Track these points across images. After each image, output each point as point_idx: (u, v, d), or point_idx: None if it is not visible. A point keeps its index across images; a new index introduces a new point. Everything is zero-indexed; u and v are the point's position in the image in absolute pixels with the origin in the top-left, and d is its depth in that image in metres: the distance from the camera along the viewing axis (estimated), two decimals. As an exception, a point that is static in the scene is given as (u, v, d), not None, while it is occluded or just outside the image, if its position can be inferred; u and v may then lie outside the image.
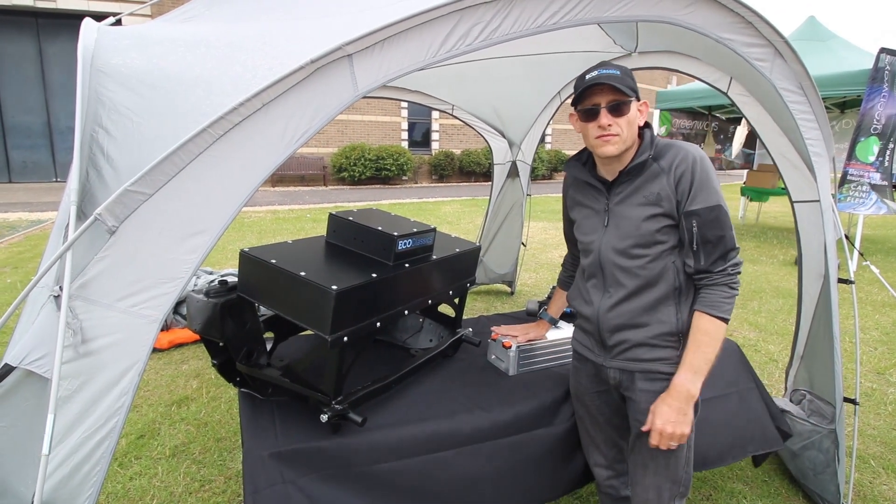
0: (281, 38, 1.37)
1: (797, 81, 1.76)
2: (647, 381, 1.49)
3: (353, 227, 1.84)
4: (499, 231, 4.72)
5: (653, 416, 1.41)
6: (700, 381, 1.38)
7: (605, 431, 1.67)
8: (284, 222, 9.10)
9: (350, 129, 16.16)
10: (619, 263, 1.46)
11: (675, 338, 1.46)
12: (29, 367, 1.14)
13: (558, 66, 3.23)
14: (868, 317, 4.69)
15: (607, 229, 1.49)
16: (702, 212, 1.36)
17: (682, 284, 1.44)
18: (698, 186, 1.37)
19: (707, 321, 1.38)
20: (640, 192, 1.43)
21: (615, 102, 1.36)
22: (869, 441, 2.72)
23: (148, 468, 2.41)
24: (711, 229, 1.37)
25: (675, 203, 1.39)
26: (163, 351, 3.68)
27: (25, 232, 7.69)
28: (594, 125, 1.39)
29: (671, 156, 1.41)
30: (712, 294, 1.39)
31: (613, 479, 1.72)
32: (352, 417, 1.54)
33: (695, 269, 1.41)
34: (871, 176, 5.99)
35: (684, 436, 1.39)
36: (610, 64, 1.39)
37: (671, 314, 1.44)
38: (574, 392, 1.73)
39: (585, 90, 1.38)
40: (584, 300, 1.58)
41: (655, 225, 1.41)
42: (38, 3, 12.47)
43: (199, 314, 1.63)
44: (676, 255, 1.44)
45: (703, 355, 1.37)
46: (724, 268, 1.39)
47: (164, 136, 1.16)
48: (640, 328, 1.46)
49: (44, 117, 13.57)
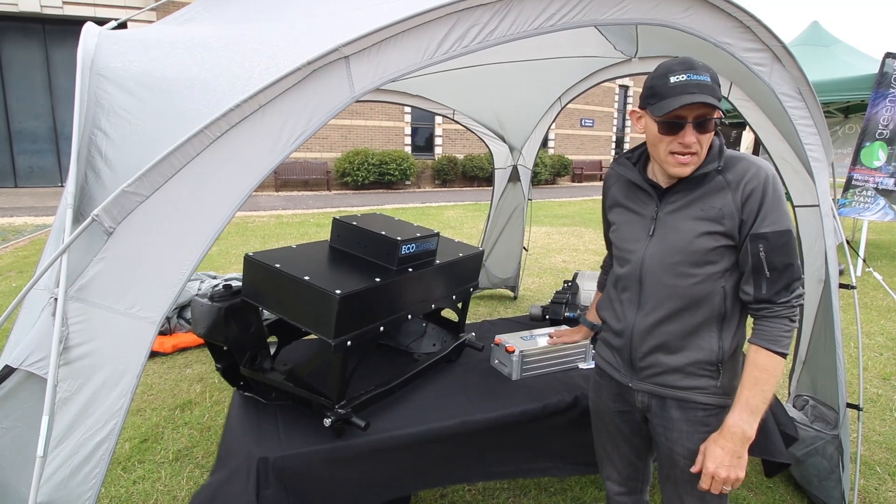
0: (278, 39, 1.38)
1: (795, 87, 1.76)
2: (680, 409, 1.36)
3: (357, 232, 1.85)
4: (500, 236, 4.73)
5: (703, 457, 1.28)
6: (757, 421, 1.24)
7: (622, 450, 1.56)
8: (288, 227, 9.13)
9: (353, 134, 16.21)
10: (663, 280, 1.31)
11: (714, 367, 1.32)
12: (29, 368, 1.14)
13: (558, 71, 3.24)
14: (873, 322, 4.67)
15: (652, 239, 1.34)
16: (771, 236, 1.22)
17: (727, 311, 1.31)
18: (769, 207, 1.23)
19: (766, 357, 1.24)
20: (697, 205, 1.28)
21: (703, 118, 1.20)
22: (874, 447, 2.71)
23: (151, 472, 2.41)
24: (779, 256, 1.23)
25: (738, 222, 1.24)
26: (166, 355, 3.70)
27: (31, 236, 7.73)
28: (673, 140, 1.23)
29: (740, 170, 1.26)
30: (772, 327, 1.25)
31: (624, 497, 1.62)
32: (355, 422, 1.54)
33: (754, 298, 1.26)
34: (884, 181, 5.96)
35: (739, 480, 1.25)
36: (697, 65, 1.20)
37: (713, 341, 1.31)
38: (593, 407, 1.61)
39: (672, 99, 1.18)
40: (616, 314, 1.44)
41: (710, 243, 1.26)
42: (45, 9, 12.58)
43: (203, 318, 1.64)
44: (727, 279, 1.29)
45: (762, 394, 1.24)
46: (789, 299, 1.25)
47: (161, 137, 1.16)
48: (677, 353, 1.33)
49: (50, 123, 13.67)
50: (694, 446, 1.33)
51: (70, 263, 1.11)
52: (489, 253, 4.80)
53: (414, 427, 1.65)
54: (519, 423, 1.79)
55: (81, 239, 1.10)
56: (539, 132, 4.20)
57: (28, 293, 1.12)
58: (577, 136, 20.77)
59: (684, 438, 1.35)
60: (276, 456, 1.49)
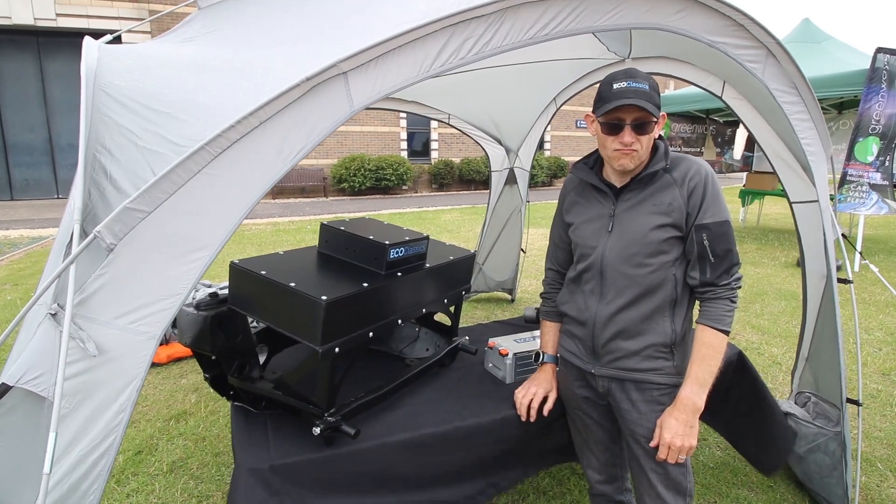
0: (279, 63, 1.39)
1: (790, 81, 1.75)
2: (638, 391, 1.49)
3: (345, 237, 1.83)
4: (498, 238, 4.71)
5: (660, 429, 1.43)
6: (705, 393, 1.40)
7: (596, 434, 1.66)
8: (285, 234, 9.11)
9: (349, 140, 16.22)
10: (623, 271, 1.45)
11: (668, 349, 1.47)
12: (26, 385, 1.13)
13: (552, 73, 3.23)
14: (871, 317, 4.65)
15: (611, 235, 1.47)
16: (712, 226, 1.38)
17: (678, 296, 1.45)
18: (710, 200, 1.39)
19: (711, 334, 1.40)
20: (650, 201, 1.43)
21: (640, 122, 1.35)
22: (875, 443, 2.68)
23: (145, 485, 2.38)
24: (720, 243, 1.39)
25: (685, 215, 1.41)
26: (161, 365, 3.67)
27: (26, 249, 7.71)
28: (615, 139, 1.38)
29: (684, 168, 1.42)
30: (715, 308, 1.41)
31: (606, 485, 1.70)
32: (344, 430, 1.52)
33: (700, 282, 1.42)
34: (871, 176, 5.98)
35: (692, 448, 1.40)
36: (639, 75, 1.35)
37: (666, 325, 1.45)
38: (563, 396, 1.71)
39: (612, 102, 1.34)
40: (578, 306, 1.56)
41: (663, 235, 1.41)
42: (39, 21, 12.60)
43: (189, 328, 1.62)
44: (677, 267, 1.44)
45: (709, 368, 1.40)
46: (729, 282, 1.41)
47: (165, 157, 1.17)
48: (635, 338, 1.46)
49: (45, 135, 13.66)
50: (652, 425, 1.47)
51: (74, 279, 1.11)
52: (486, 256, 4.77)
53: (406, 433, 1.63)
54: (513, 426, 1.76)
55: (82, 255, 1.10)
56: (535, 134, 4.19)
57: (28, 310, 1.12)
58: (573, 138, 20.80)
59: (644, 418, 1.48)
60: (266, 466, 1.47)
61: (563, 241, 1.65)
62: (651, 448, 1.47)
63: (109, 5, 13.14)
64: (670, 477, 1.48)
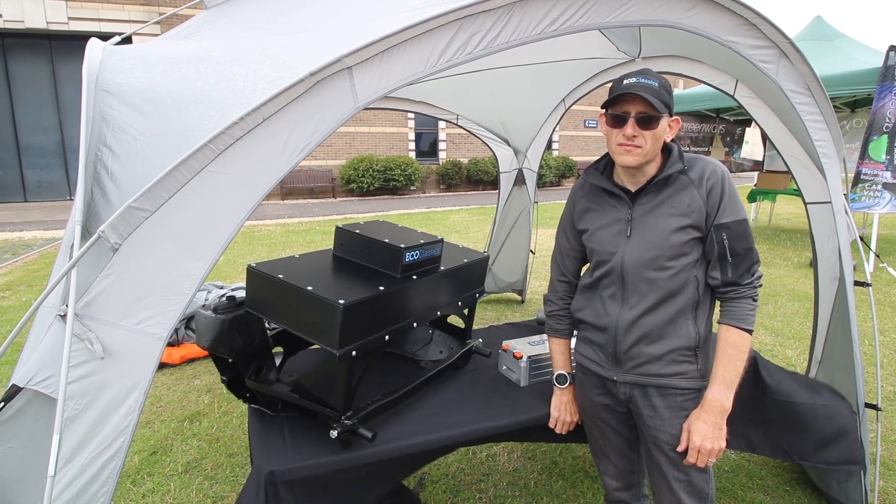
0: (281, 51, 1.38)
1: (803, 82, 1.73)
2: (661, 396, 1.46)
3: (360, 240, 1.83)
4: (507, 239, 4.70)
5: (688, 433, 1.41)
6: (732, 393, 1.38)
7: (614, 442, 1.63)
8: (294, 235, 9.15)
9: (357, 141, 16.26)
10: (645, 275, 1.42)
11: (691, 352, 1.44)
12: (36, 387, 1.13)
13: (562, 73, 3.22)
14: (888, 319, 4.59)
15: (630, 239, 1.45)
16: (732, 224, 1.37)
17: (699, 298, 1.43)
18: (728, 199, 1.38)
19: (736, 334, 1.39)
20: (668, 203, 1.42)
21: (645, 115, 1.34)
22: (894, 447, 2.65)
23: (161, 485, 2.40)
24: (740, 242, 1.38)
25: (704, 215, 1.39)
26: (175, 366, 3.70)
27: (41, 250, 7.80)
28: (619, 132, 1.37)
29: (699, 168, 1.41)
30: (739, 307, 1.40)
31: (623, 492, 1.68)
32: (362, 433, 1.52)
33: (722, 282, 1.41)
34: (884, 175, 5.90)
35: (722, 450, 1.38)
36: (651, 73, 1.36)
37: (690, 328, 1.43)
38: (580, 404, 1.69)
39: (619, 95, 1.35)
40: (597, 312, 1.52)
41: (684, 237, 1.39)
42: (51, 25, 12.73)
43: (207, 331, 1.63)
44: (698, 269, 1.43)
45: (734, 368, 1.38)
46: (751, 280, 1.40)
47: (166, 152, 1.16)
48: (658, 342, 1.44)
49: (58, 137, 13.81)
50: (676, 431, 1.45)
51: (77, 280, 1.10)
52: (496, 257, 4.77)
53: (421, 437, 1.63)
54: (528, 430, 1.76)
55: (88, 256, 1.09)
56: (543, 134, 4.18)
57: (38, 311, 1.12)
58: (581, 138, 20.70)
59: (667, 424, 1.46)
60: (283, 468, 1.47)
61: (575, 249, 1.62)
62: (674, 454, 1.45)
63: (120, 8, 13.26)
64: (693, 484, 1.46)
